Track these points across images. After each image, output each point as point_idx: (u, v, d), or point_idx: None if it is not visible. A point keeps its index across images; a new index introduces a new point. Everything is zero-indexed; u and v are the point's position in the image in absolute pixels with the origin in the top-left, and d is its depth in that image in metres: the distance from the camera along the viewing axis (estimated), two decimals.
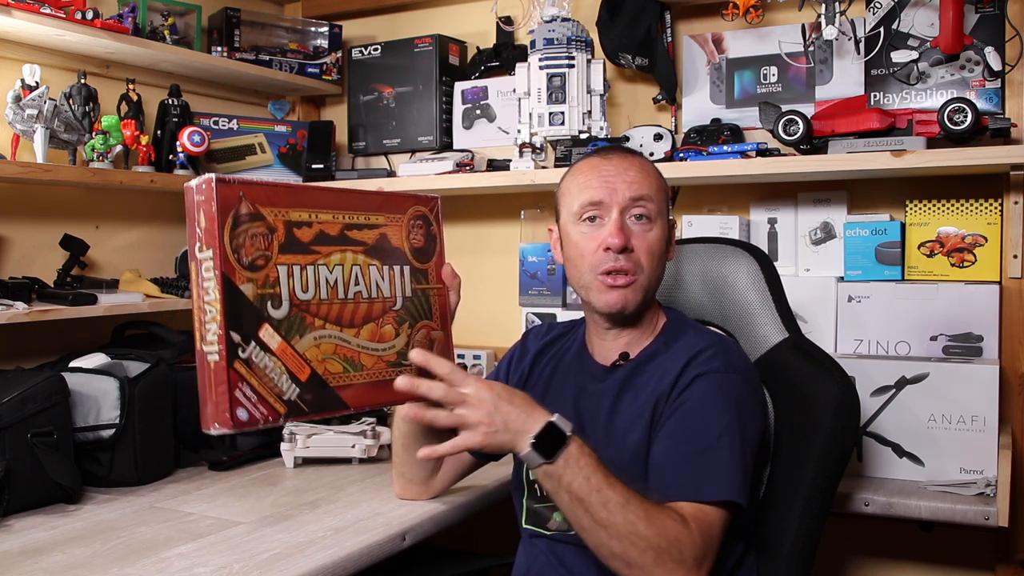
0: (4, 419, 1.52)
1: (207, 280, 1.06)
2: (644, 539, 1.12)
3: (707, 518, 1.19)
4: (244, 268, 1.08)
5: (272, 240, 1.11)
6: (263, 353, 1.08)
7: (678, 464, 1.23)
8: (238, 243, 1.07)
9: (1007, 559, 1.81)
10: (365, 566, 1.38)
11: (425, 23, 2.52)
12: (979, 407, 1.63)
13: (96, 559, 1.33)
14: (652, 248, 1.32)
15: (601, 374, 1.39)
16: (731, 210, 2.12)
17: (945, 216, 1.88)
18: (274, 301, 1.11)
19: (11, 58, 1.95)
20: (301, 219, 1.15)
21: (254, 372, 1.08)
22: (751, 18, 1.92)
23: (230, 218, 1.06)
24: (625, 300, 1.32)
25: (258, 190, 1.10)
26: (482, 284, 2.36)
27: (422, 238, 1.31)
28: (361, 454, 1.86)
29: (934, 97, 1.89)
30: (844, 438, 1.36)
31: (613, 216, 1.31)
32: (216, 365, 1.06)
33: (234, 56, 2.33)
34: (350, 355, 1.19)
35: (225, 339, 1.05)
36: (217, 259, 1.05)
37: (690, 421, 1.25)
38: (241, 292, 1.07)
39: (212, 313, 1.06)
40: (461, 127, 2.41)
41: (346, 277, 1.19)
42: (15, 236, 1.99)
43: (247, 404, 1.07)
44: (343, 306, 1.19)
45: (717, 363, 1.28)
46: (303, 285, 1.14)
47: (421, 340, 1.29)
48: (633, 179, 1.32)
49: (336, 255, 1.19)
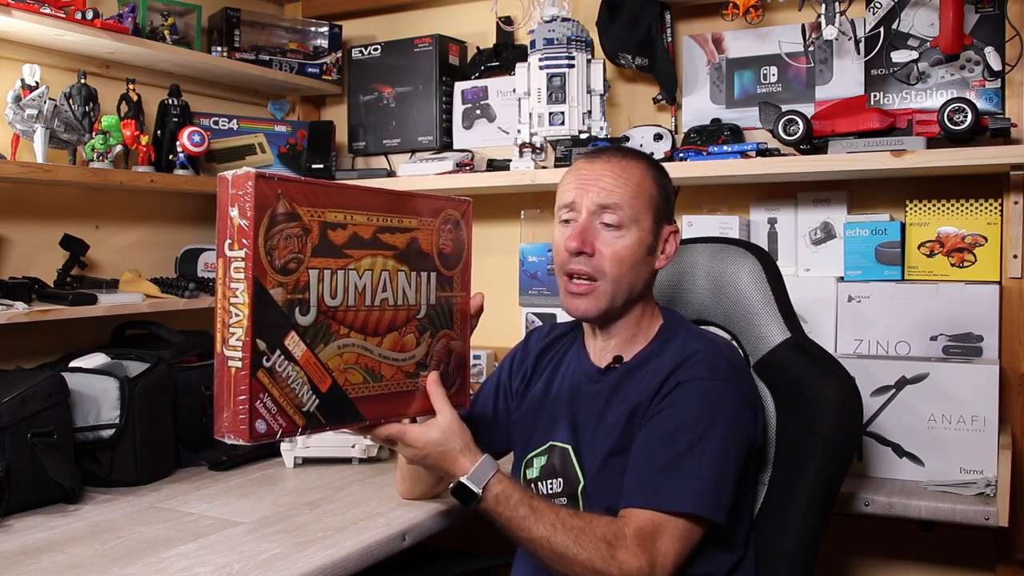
0: (4, 419, 1.52)
1: (236, 281, 1.02)
2: (577, 564, 1.17)
3: (658, 528, 1.19)
4: (276, 272, 1.03)
5: (306, 242, 1.07)
6: (287, 362, 1.05)
7: (642, 471, 1.24)
8: (272, 244, 1.03)
9: (1007, 559, 1.81)
10: (365, 566, 1.38)
11: (425, 23, 2.52)
12: (979, 407, 1.63)
13: (96, 559, 1.33)
14: (619, 255, 1.32)
15: (596, 376, 1.39)
16: (731, 210, 2.12)
17: (945, 216, 1.88)
18: (302, 307, 1.07)
19: (11, 58, 1.95)
20: (336, 220, 1.11)
21: (276, 382, 1.04)
22: (751, 18, 1.92)
23: (267, 217, 1.02)
24: (586, 307, 1.33)
25: (297, 188, 1.06)
26: (482, 284, 2.34)
27: (451, 243, 1.28)
28: (361, 454, 1.86)
29: (934, 97, 1.89)
30: (847, 438, 1.36)
31: (580, 219, 1.32)
32: (237, 373, 1.02)
33: (234, 56, 2.33)
34: (371, 365, 1.16)
35: (250, 346, 1.01)
36: (250, 261, 1.01)
37: (663, 429, 1.26)
38: (271, 297, 1.03)
39: (239, 317, 1.01)
40: (461, 127, 2.41)
41: (375, 283, 1.16)
42: (15, 236, 1.99)
43: (266, 416, 1.04)
44: (368, 313, 1.16)
45: (701, 369, 1.28)
46: (332, 291, 1.10)
47: (440, 350, 1.28)
48: (606, 186, 1.32)
49: (367, 259, 1.15)
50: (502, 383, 1.53)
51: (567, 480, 1.35)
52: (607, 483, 1.29)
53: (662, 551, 1.18)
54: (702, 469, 1.21)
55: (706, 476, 1.21)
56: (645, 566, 1.16)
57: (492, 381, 1.56)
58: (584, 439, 1.35)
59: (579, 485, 1.33)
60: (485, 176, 2.20)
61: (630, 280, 1.33)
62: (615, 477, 1.28)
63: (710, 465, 1.22)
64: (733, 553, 1.33)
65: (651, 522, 1.19)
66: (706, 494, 1.20)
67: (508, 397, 1.52)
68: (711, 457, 1.22)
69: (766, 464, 1.42)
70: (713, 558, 1.29)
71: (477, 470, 1.24)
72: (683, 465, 1.21)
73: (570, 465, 1.35)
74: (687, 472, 1.21)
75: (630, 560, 1.16)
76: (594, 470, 1.32)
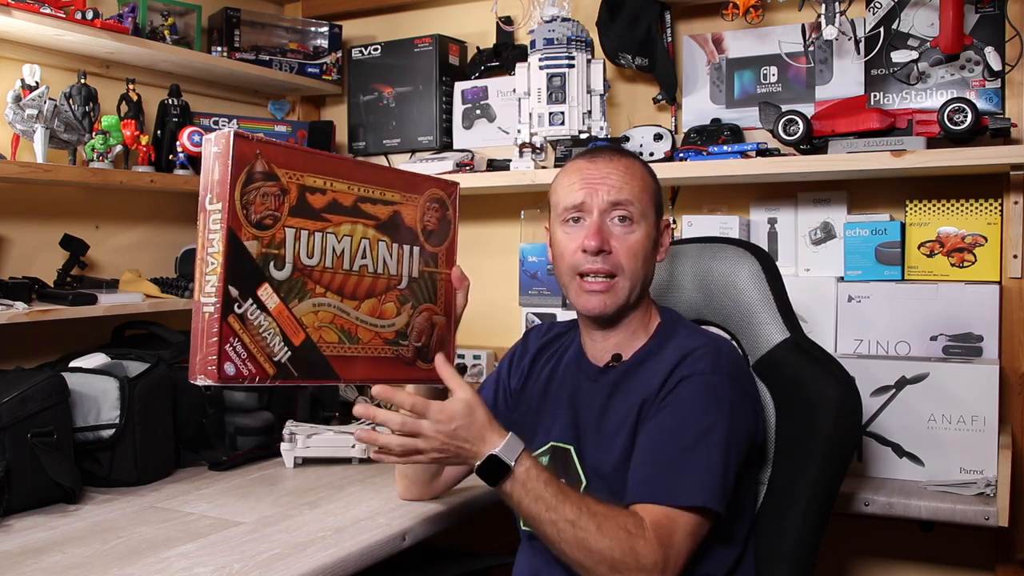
0: (4, 419, 1.52)
1: (213, 232, 1.06)
2: (596, 552, 1.15)
3: (673, 523, 1.19)
4: (251, 225, 1.07)
5: (283, 201, 1.11)
6: (259, 311, 1.08)
7: (651, 466, 1.24)
8: (248, 199, 1.07)
9: (1007, 559, 1.81)
10: (365, 566, 1.38)
11: (425, 23, 2.52)
12: (979, 407, 1.63)
13: (96, 559, 1.33)
14: (633, 250, 1.33)
15: (595, 374, 1.40)
16: (731, 210, 2.12)
17: (945, 216, 1.88)
18: (277, 262, 1.10)
19: (11, 58, 1.95)
20: (316, 185, 1.14)
21: (247, 329, 1.07)
22: (751, 18, 1.92)
23: (243, 174, 1.06)
24: (604, 304, 1.33)
25: (276, 150, 1.10)
26: (482, 284, 2.34)
27: (436, 221, 1.31)
28: (361, 454, 1.86)
29: (934, 97, 1.89)
30: (846, 438, 1.36)
31: (593, 218, 1.33)
32: (210, 317, 1.06)
33: (234, 56, 2.33)
34: (347, 327, 1.19)
35: (223, 292, 1.05)
36: (225, 212, 1.05)
37: (669, 424, 1.26)
38: (245, 248, 1.07)
39: (213, 265, 1.06)
40: (461, 127, 2.41)
41: (354, 249, 1.19)
42: (15, 236, 1.99)
43: (236, 360, 1.07)
44: (347, 277, 1.18)
45: (703, 365, 1.28)
46: (309, 250, 1.13)
47: (422, 322, 1.29)
48: (615, 183, 1.33)
49: (346, 225, 1.18)
50: (501, 382, 1.54)
51: (569, 481, 1.34)
52: (614, 485, 1.29)
53: (676, 546, 1.18)
54: (709, 463, 1.22)
55: (713, 469, 1.21)
56: (660, 561, 1.16)
57: (492, 380, 1.56)
58: (586, 440, 1.35)
59: (581, 485, 1.33)
60: (485, 176, 2.20)
61: (643, 274, 1.35)
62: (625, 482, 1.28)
63: (716, 458, 1.22)
64: (734, 550, 1.33)
65: (665, 516, 1.19)
66: (714, 487, 1.21)
67: (507, 396, 1.52)
68: (716, 450, 1.22)
69: (766, 463, 1.42)
70: (716, 555, 1.29)
71: (508, 443, 1.20)
72: (690, 460, 1.22)
73: (572, 466, 1.35)
74: (695, 466, 1.21)
75: (648, 554, 1.15)
76: (607, 470, 1.31)
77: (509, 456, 1.19)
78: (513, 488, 1.20)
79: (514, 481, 1.19)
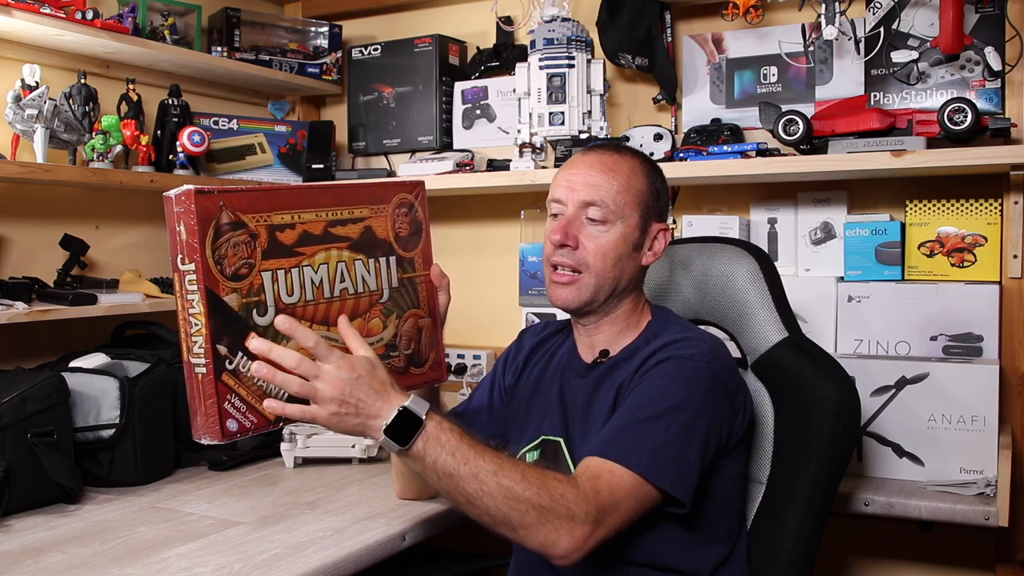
0: (4, 419, 1.52)
1: (191, 293, 1.06)
2: (523, 500, 1.09)
3: (614, 478, 1.16)
4: (228, 279, 1.07)
5: (255, 247, 1.10)
6: (251, 363, 1.08)
7: (610, 431, 1.23)
8: (220, 254, 1.07)
9: (1007, 559, 1.81)
10: (365, 566, 1.38)
11: (425, 23, 2.52)
12: (979, 407, 1.63)
13: (96, 559, 1.33)
14: (603, 249, 1.33)
15: (583, 370, 1.41)
16: (731, 210, 2.12)
17: (945, 216, 1.88)
18: (259, 308, 1.10)
19: (11, 58, 1.95)
20: (284, 222, 1.14)
21: (242, 383, 1.08)
22: (751, 18, 1.92)
23: (211, 229, 1.06)
24: (567, 297, 1.35)
25: (239, 197, 1.09)
26: (482, 284, 2.36)
27: (407, 225, 1.31)
28: (361, 454, 1.86)
29: (934, 97, 1.89)
30: (845, 438, 1.36)
31: (567, 213, 1.34)
32: (204, 378, 1.06)
33: (234, 56, 2.33)
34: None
35: (212, 352, 1.05)
36: (200, 272, 1.05)
37: (639, 397, 1.26)
38: (225, 304, 1.07)
39: (198, 326, 1.06)
40: (461, 127, 2.41)
41: (331, 275, 1.19)
42: (15, 236, 1.99)
43: (236, 415, 1.08)
44: (329, 305, 1.19)
45: (684, 351, 1.29)
46: (288, 288, 1.14)
47: (409, 329, 1.30)
48: (592, 182, 1.33)
49: (320, 254, 1.18)
50: (497, 379, 1.56)
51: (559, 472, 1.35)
52: None
53: (613, 503, 1.14)
54: (667, 439, 1.20)
55: (668, 447, 1.19)
56: (593, 510, 1.12)
57: (488, 377, 1.59)
58: (574, 432, 1.37)
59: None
60: (485, 176, 2.20)
61: (614, 275, 1.34)
62: None
63: (675, 438, 1.20)
64: (720, 548, 1.33)
65: (607, 471, 1.16)
66: (664, 464, 1.18)
67: (502, 392, 1.54)
68: (677, 431, 1.21)
69: (764, 463, 1.42)
70: (701, 552, 1.29)
71: (415, 400, 1.13)
72: (649, 429, 1.20)
73: (561, 457, 1.36)
74: (650, 437, 1.19)
75: (580, 502, 1.11)
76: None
77: (419, 410, 1.12)
78: (427, 445, 1.11)
79: (427, 437, 1.11)
